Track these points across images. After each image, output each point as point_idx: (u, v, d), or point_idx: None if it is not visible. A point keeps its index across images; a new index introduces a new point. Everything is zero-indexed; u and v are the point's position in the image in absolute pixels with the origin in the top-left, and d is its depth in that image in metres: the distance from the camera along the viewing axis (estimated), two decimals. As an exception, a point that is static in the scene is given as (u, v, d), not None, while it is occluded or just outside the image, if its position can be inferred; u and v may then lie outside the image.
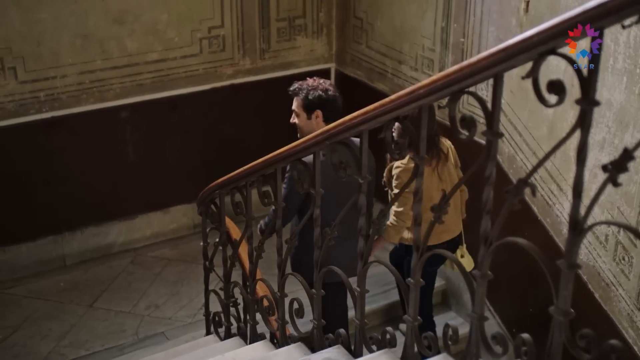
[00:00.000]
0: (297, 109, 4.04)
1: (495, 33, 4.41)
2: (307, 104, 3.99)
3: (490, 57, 1.76)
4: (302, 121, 4.03)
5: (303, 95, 4.01)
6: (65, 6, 4.98)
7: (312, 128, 3.93)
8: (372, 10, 5.55)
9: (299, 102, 4.02)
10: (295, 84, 4.05)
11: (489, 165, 1.86)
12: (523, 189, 1.75)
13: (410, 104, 2.09)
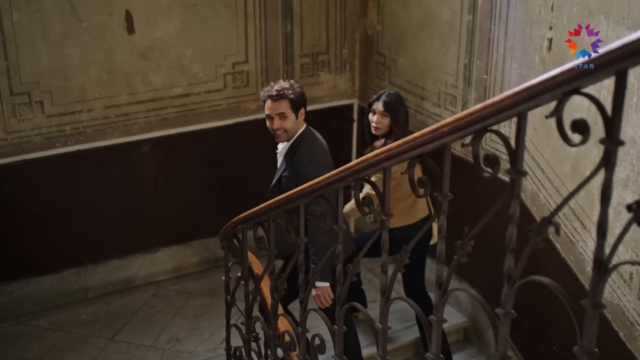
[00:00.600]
0: (286, 111, 4.13)
1: (518, 70, 4.42)
2: (297, 103, 4.17)
3: (514, 96, 1.77)
4: (291, 122, 4.17)
5: (292, 96, 4.15)
6: (93, 42, 5.06)
7: (298, 128, 4.23)
8: (395, 47, 5.59)
9: (287, 104, 4.13)
10: (272, 90, 4.15)
11: (512, 204, 1.86)
12: (547, 227, 1.75)
13: (433, 141, 2.10)
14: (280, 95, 4.13)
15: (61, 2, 4.91)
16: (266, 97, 4.19)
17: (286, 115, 4.15)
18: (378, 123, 4.53)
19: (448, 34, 4.98)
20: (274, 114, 4.16)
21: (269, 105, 4.18)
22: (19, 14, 4.81)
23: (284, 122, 4.16)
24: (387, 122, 4.51)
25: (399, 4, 5.44)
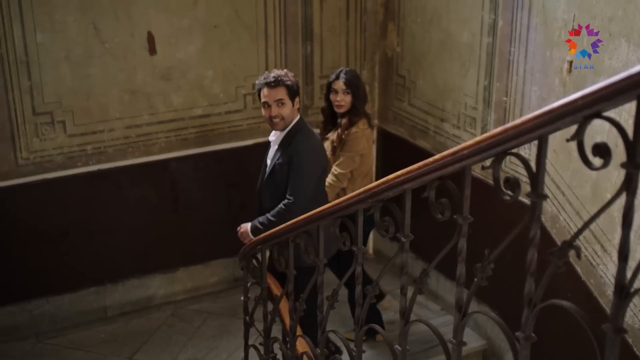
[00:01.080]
0: (284, 98, 4.18)
1: (538, 92, 4.42)
2: (294, 91, 4.23)
3: (534, 120, 1.77)
4: (288, 109, 4.21)
5: (289, 83, 4.21)
6: (115, 62, 5.11)
7: (293, 117, 4.28)
8: (414, 69, 5.61)
9: (285, 91, 4.19)
10: (269, 77, 4.20)
11: (533, 227, 1.86)
12: (568, 251, 1.75)
13: (454, 164, 2.10)
14: (278, 82, 4.17)
15: (84, 24, 4.97)
16: (262, 85, 4.22)
17: (284, 101, 4.19)
18: (341, 100, 4.69)
19: (468, 56, 4.99)
20: (271, 101, 4.20)
21: (266, 93, 4.21)
22: (43, 35, 4.87)
23: (282, 109, 4.19)
24: (349, 99, 4.69)
25: (418, 26, 5.46)
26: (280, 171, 4.27)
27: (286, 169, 4.24)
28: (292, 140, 4.27)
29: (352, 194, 2.74)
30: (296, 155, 4.22)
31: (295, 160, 4.22)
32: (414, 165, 2.28)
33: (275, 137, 4.36)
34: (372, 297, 2.75)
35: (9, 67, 4.84)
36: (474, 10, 4.85)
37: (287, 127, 4.28)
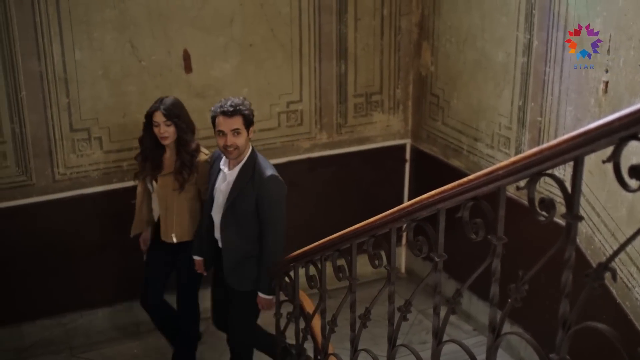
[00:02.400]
0: (240, 127, 4.08)
1: (574, 112, 4.40)
2: (249, 120, 4.15)
3: (570, 141, 1.77)
4: (243, 139, 4.12)
5: (246, 112, 4.11)
6: (151, 80, 5.18)
7: (247, 147, 4.22)
8: (448, 88, 5.61)
9: (241, 120, 4.08)
10: (226, 105, 4.07)
11: (568, 249, 1.85)
12: (604, 273, 1.74)
13: (488, 184, 2.11)
14: (235, 111, 4.06)
15: (122, 42, 5.04)
16: (218, 113, 4.11)
17: (240, 131, 4.09)
18: (164, 132, 4.49)
19: (502, 75, 4.98)
20: (227, 130, 4.09)
21: (222, 122, 4.09)
22: (81, 53, 4.95)
23: (237, 138, 4.09)
24: (173, 129, 4.50)
25: (453, 46, 5.46)
26: (246, 201, 4.20)
27: (252, 199, 4.18)
28: (252, 170, 4.22)
29: (386, 212, 2.74)
30: (266, 185, 4.18)
31: (266, 190, 4.18)
32: (448, 185, 2.28)
33: (229, 166, 4.29)
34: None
35: (47, 84, 4.93)
36: (509, 30, 4.85)
37: (244, 157, 4.22)
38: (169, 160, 4.62)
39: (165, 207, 4.63)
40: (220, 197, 4.30)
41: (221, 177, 4.30)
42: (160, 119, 4.48)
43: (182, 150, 4.54)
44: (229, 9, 5.29)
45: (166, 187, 4.59)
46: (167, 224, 4.65)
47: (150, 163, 4.63)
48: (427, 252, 2.54)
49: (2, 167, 4.98)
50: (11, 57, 4.81)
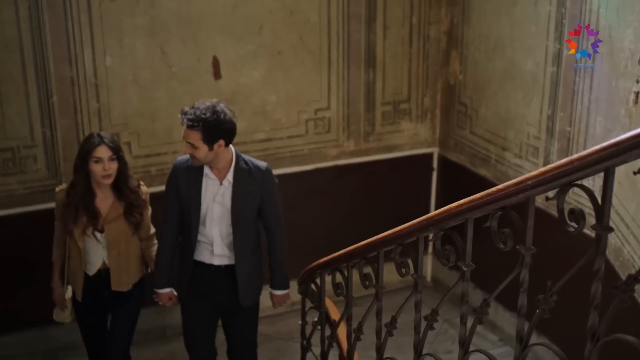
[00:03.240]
0: (196, 142, 3.76)
1: (603, 123, 4.37)
2: (213, 136, 3.76)
3: (601, 151, 1.77)
4: (202, 153, 3.78)
5: (205, 127, 3.73)
6: (181, 86, 5.22)
7: (220, 156, 3.85)
8: (477, 97, 5.59)
9: (198, 135, 3.73)
10: (189, 114, 3.76)
11: (597, 260, 1.84)
12: (633, 285, 1.73)
13: (517, 194, 2.10)
14: (192, 125, 3.73)
15: (152, 48, 5.09)
16: (181, 120, 3.82)
17: (196, 146, 3.76)
18: (109, 169, 3.96)
19: (532, 85, 4.96)
20: (185, 140, 3.80)
21: (183, 129, 3.81)
22: (112, 59, 5.00)
23: (195, 151, 3.77)
24: (116, 165, 3.98)
25: (482, 55, 5.45)
26: (253, 203, 3.98)
27: (258, 199, 3.98)
28: (247, 165, 3.97)
29: (414, 221, 2.74)
30: (269, 176, 4.00)
31: (271, 183, 4.01)
32: (477, 195, 2.28)
33: (214, 171, 3.95)
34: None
35: (79, 89, 4.98)
36: (539, 39, 4.82)
37: (232, 159, 3.94)
38: (104, 203, 4.10)
39: (118, 254, 4.14)
40: (217, 208, 3.96)
41: (210, 185, 3.96)
42: (105, 153, 3.95)
43: (125, 188, 4.08)
44: (258, 16, 5.32)
45: (118, 233, 4.12)
46: (122, 272, 4.17)
47: (86, 212, 4.04)
48: (454, 261, 2.53)
49: (33, 171, 5.04)
50: (43, 62, 4.87)
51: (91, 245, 4.11)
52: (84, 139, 4.14)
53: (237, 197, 3.91)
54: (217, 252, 4.01)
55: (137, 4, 4.99)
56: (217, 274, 4.05)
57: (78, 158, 4.03)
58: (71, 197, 4.04)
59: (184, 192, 3.96)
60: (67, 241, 4.16)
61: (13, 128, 4.93)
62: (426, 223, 2.60)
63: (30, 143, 4.99)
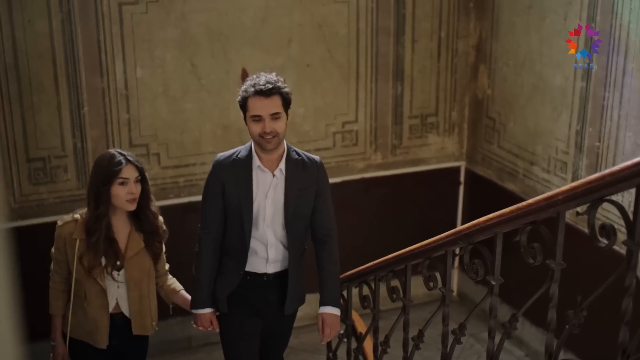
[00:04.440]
0: (279, 110, 3.30)
1: (633, 138, 4.35)
2: (289, 100, 3.38)
3: (633, 167, 1.77)
4: (283, 124, 3.33)
5: (285, 90, 3.34)
6: (210, 98, 5.26)
7: (285, 132, 3.41)
8: (505, 111, 5.58)
9: (280, 100, 3.30)
10: (259, 82, 3.31)
11: (629, 275, 1.84)
12: (665, 301, 1.72)
13: (548, 209, 2.10)
14: (273, 89, 3.28)
15: (182, 60, 5.14)
16: (251, 93, 3.31)
17: (279, 115, 3.30)
18: (136, 193, 3.43)
19: (560, 100, 4.95)
20: (265, 114, 3.28)
21: (257, 103, 3.29)
22: (142, 70, 5.05)
23: (277, 123, 3.29)
24: (140, 187, 3.46)
25: (510, 69, 5.44)
26: (308, 199, 3.47)
27: (312, 194, 3.47)
28: (299, 156, 3.49)
29: (442, 235, 2.74)
30: (323, 171, 3.52)
31: (324, 178, 3.51)
32: (506, 209, 2.28)
33: (265, 162, 3.44)
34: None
35: (109, 100, 5.04)
36: (568, 54, 4.81)
37: (284, 149, 3.45)
38: (122, 235, 3.54)
39: (139, 295, 3.58)
40: (269, 205, 3.45)
41: (261, 179, 3.44)
42: (132, 174, 3.43)
43: (148, 214, 3.55)
44: (287, 29, 5.36)
45: (139, 270, 3.57)
46: (144, 314, 3.63)
47: (108, 248, 3.47)
48: (482, 276, 2.53)
49: (64, 181, 5.10)
50: (75, 73, 4.93)
51: (112, 288, 3.54)
52: (103, 159, 3.49)
53: (290, 191, 3.40)
54: (272, 258, 3.50)
55: (168, 17, 5.04)
56: (269, 282, 3.54)
57: (100, 182, 3.41)
58: (96, 233, 3.41)
59: (231, 191, 3.44)
60: (75, 285, 3.52)
61: (44, 138, 4.99)
62: (455, 237, 2.61)
63: (61, 153, 5.05)
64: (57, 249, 3.54)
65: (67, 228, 3.49)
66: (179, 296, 3.84)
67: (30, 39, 4.79)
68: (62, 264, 3.55)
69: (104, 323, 3.52)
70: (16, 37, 4.75)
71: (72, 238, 3.46)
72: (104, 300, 3.49)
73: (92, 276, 3.44)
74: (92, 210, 3.43)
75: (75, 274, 3.47)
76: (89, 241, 3.41)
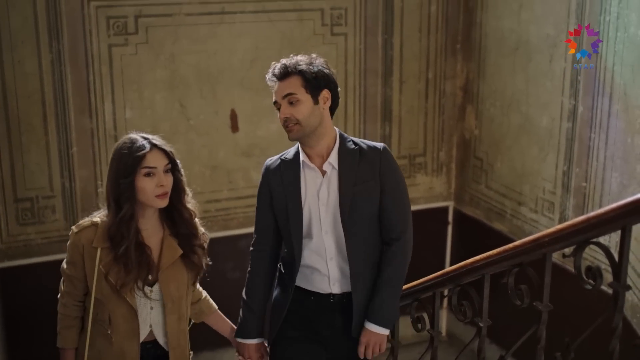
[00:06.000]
0: (296, 91, 2.81)
1: (619, 179, 4.38)
2: (317, 82, 2.85)
3: (618, 210, 1.78)
4: (305, 109, 2.82)
5: (305, 68, 2.84)
6: (198, 138, 5.28)
7: (324, 122, 2.88)
8: (492, 151, 5.62)
9: (298, 81, 2.82)
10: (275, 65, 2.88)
11: (615, 317, 1.84)
12: (652, 343, 1.73)
13: (534, 250, 2.11)
14: (286, 71, 2.84)
15: (171, 101, 5.16)
16: (267, 78, 2.90)
17: (297, 97, 2.79)
18: (166, 186, 2.73)
19: (547, 140, 4.99)
20: (279, 98, 2.84)
21: (273, 89, 2.87)
22: (131, 111, 5.07)
23: (294, 108, 2.79)
24: (171, 179, 2.78)
25: (497, 110, 5.49)
26: (368, 196, 2.88)
27: (375, 189, 2.88)
28: (355, 145, 2.93)
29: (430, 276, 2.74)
30: (389, 159, 2.93)
31: (390, 168, 2.91)
32: (493, 251, 2.29)
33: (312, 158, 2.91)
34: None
35: (98, 141, 5.05)
36: (554, 95, 4.86)
37: (334, 140, 2.93)
38: (153, 240, 2.81)
39: (178, 317, 2.82)
40: (323, 210, 2.89)
41: (310, 178, 2.90)
42: (160, 162, 2.74)
43: (183, 212, 2.84)
44: (276, 70, 5.40)
45: (177, 283, 2.82)
46: (180, 341, 2.84)
47: (138, 258, 2.72)
48: (471, 317, 2.53)
49: (51, 221, 5.08)
50: (64, 114, 4.94)
51: (146, 307, 2.79)
52: (122, 146, 2.75)
53: (345, 188, 2.85)
54: (334, 275, 2.91)
55: (158, 58, 5.07)
56: (332, 304, 2.93)
57: (120, 174, 2.69)
58: (124, 241, 2.69)
59: (278, 197, 2.94)
60: (95, 307, 2.74)
61: (32, 178, 4.99)
62: (443, 278, 2.61)
63: (49, 193, 5.05)
64: (71, 262, 2.76)
65: (85, 235, 2.72)
66: (215, 316, 3.15)
67: (19, 80, 4.81)
68: (77, 281, 2.76)
69: (134, 355, 2.74)
70: (6, 78, 4.77)
71: (91, 247, 2.70)
72: (133, 325, 2.72)
73: (119, 295, 2.68)
74: (114, 212, 2.70)
75: (95, 292, 2.70)
76: (115, 252, 2.67)
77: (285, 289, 2.97)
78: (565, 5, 4.66)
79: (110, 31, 4.95)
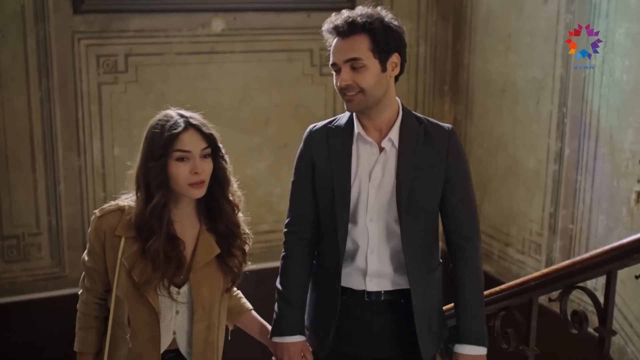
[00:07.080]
0: (361, 55, 2.36)
1: (605, 222, 4.40)
2: (388, 44, 2.40)
3: (603, 255, 1.79)
4: (371, 77, 2.38)
5: (377, 27, 2.37)
6: (187, 177, 5.27)
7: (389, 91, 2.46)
8: (480, 192, 5.63)
9: (366, 42, 2.36)
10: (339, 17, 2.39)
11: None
12: (637, 389, 1.73)
13: (521, 294, 2.12)
14: (353, 26, 2.35)
15: (160, 139, 5.17)
16: (326, 30, 2.43)
17: (362, 62, 2.36)
18: (202, 173, 2.38)
19: (534, 182, 5.01)
20: (340, 61, 2.39)
21: (333, 46, 2.41)
22: (120, 149, 5.07)
23: (358, 75, 2.36)
24: (211, 166, 2.45)
25: (485, 151, 5.52)
26: (429, 183, 2.48)
27: (440, 176, 2.50)
28: (420, 123, 2.50)
29: None
30: (456, 144, 2.56)
31: (459, 154, 2.57)
32: (482, 293, 2.29)
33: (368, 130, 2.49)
34: None
35: (86, 178, 5.04)
36: (541, 137, 4.90)
37: (397, 113, 2.50)
38: (187, 235, 2.43)
39: (208, 326, 2.43)
40: (373, 192, 2.48)
41: (364, 155, 2.49)
42: (197, 145, 2.38)
43: (224, 206, 2.49)
44: (265, 110, 5.42)
45: (210, 287, 2.44)
46: (207, 355, 2.44)
47: (169, 254, 2.34)
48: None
49: (37, 259, 5.05)
50: (52, 151, 4.94)
51: (171, 311, 2.41)
52: (156, 124, 2.46)
53: (405, 170, 2.44)
54: (372, 269, 2.49)
55: (147, 97, 5.09)
56: (375, 307, 2.52)
57: (151, 156, 2.36)
58: (154, 234, 2.32)
59: (322, 171, 2.53)
60: (115, 306, 2.39)
61: (19, 215, 4.97)
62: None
63: (36, 231, 5.02)
64: (91, 253, 2.44)
65: (108, 220, 2.39)
66: (249, 317, 2.75)
67: (8, 117, 4.81)
68: (97, 275, 2.44)
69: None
70: (-6, 115, 4.78)
71: (114, 235, 2.36)
72: (154, 330, 2.35)
73: (140, 294, 2.32)
74: (143, 200, 2.34)
75: (116, 288, 2.35)
76: (143, 245, 2.32)
77: (327, 293, 2.52)
78: (552, 48, 4.72)
79: (100, 69, 4.98)
